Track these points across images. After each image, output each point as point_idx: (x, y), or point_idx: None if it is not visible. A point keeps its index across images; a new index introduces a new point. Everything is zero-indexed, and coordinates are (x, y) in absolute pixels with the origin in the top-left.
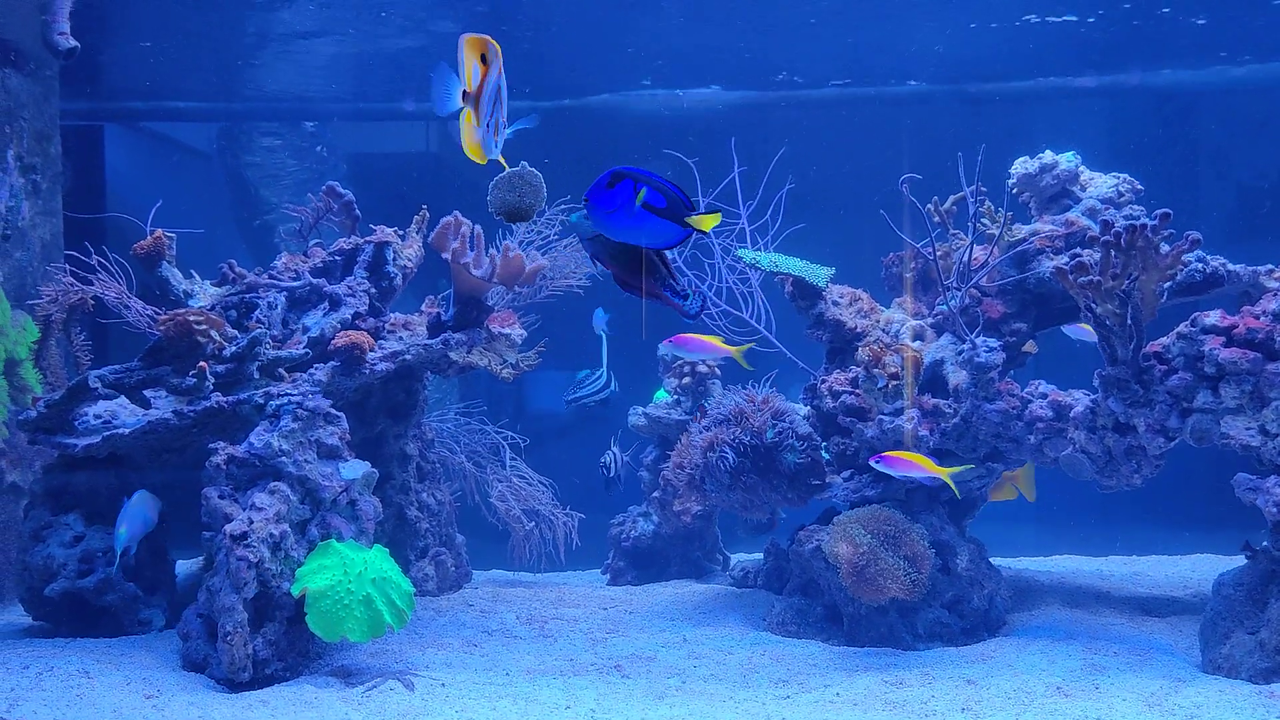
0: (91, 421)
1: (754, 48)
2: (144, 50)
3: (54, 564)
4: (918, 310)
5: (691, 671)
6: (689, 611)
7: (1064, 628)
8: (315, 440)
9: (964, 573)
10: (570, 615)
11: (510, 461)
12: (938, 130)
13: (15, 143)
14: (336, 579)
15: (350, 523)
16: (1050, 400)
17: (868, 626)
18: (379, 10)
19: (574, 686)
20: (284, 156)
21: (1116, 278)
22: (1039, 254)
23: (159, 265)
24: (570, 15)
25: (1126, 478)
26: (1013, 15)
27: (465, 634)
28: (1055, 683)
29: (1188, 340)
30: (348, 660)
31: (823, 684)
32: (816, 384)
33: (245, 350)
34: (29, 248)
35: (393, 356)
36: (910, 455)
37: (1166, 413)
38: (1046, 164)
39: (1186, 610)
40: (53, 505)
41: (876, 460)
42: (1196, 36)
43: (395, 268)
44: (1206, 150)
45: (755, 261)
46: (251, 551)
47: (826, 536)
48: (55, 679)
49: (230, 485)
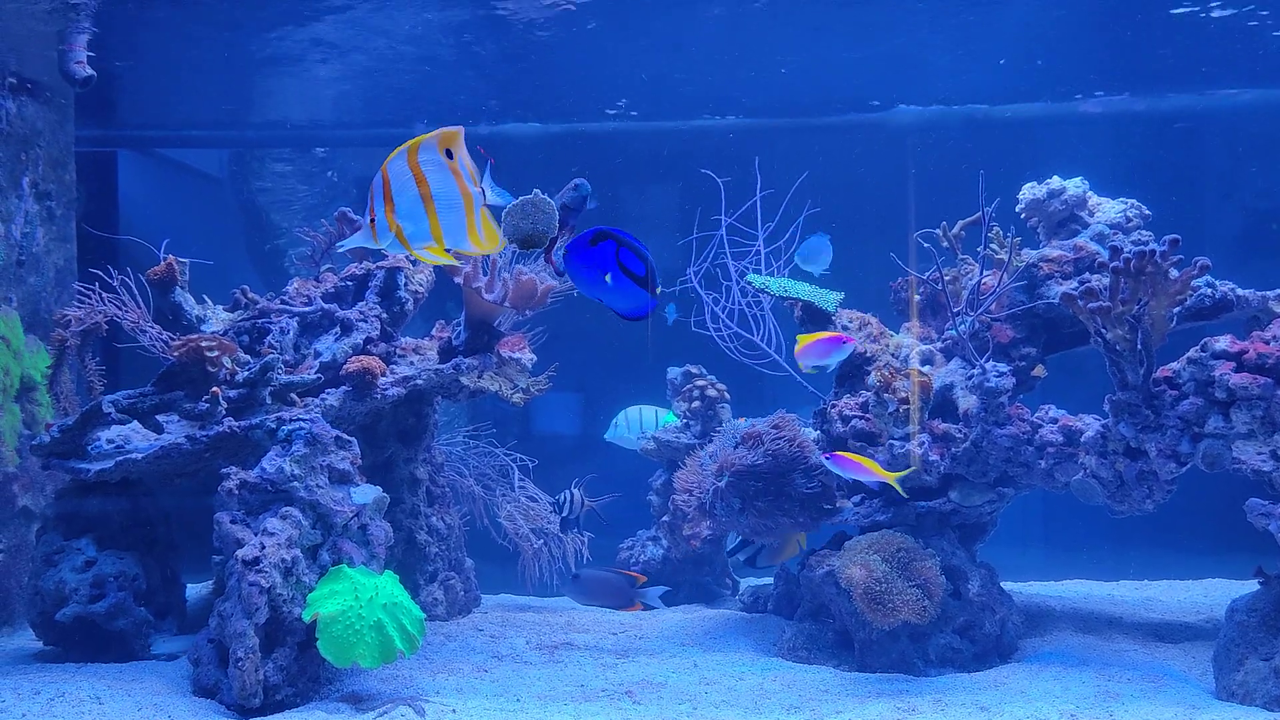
0: (104, 446)
1: (763, 76)
2: (157, 78)
3: (65, 589)
4: (926, 335)
5: (703, 698)
6: (699, 637)
7: (1076, 654)
8: (327, 465)
9: (975, 598)
10: (580, 641)
11: (519, 483)
12: (943, 155)
13: (31, 169)
14: (348, 604)
15: (361, 548)
16: (1061, 425)
17: (879, 652)
18: (388, 37)
19: (585, 713)
20: (294, 182)
21: (1126, 303)
22: (1048, 279)
23: (172, 291)
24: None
25: (1138, 503)
26: (1020, 43)
27: (475, 659)
28: (1069, 710)
29: (1198, 365)
30: (358, 686)
31: (835, 710)
32: (826, 408)
33: (258, 375)
34: (43, 273)
35: (404, 381)
36: (859, 458)
37: (1178, 438)
38: (1054, 189)
39: (1199, 636)
40: (65, 530)
41: (827, 457)
42: (1203, 62)
43: (406, 293)
44: (1212, 173)
45: (765, 287)
46: (263, 577)
47: (838, 561)
48: (66, 705)
49: (242, 510)
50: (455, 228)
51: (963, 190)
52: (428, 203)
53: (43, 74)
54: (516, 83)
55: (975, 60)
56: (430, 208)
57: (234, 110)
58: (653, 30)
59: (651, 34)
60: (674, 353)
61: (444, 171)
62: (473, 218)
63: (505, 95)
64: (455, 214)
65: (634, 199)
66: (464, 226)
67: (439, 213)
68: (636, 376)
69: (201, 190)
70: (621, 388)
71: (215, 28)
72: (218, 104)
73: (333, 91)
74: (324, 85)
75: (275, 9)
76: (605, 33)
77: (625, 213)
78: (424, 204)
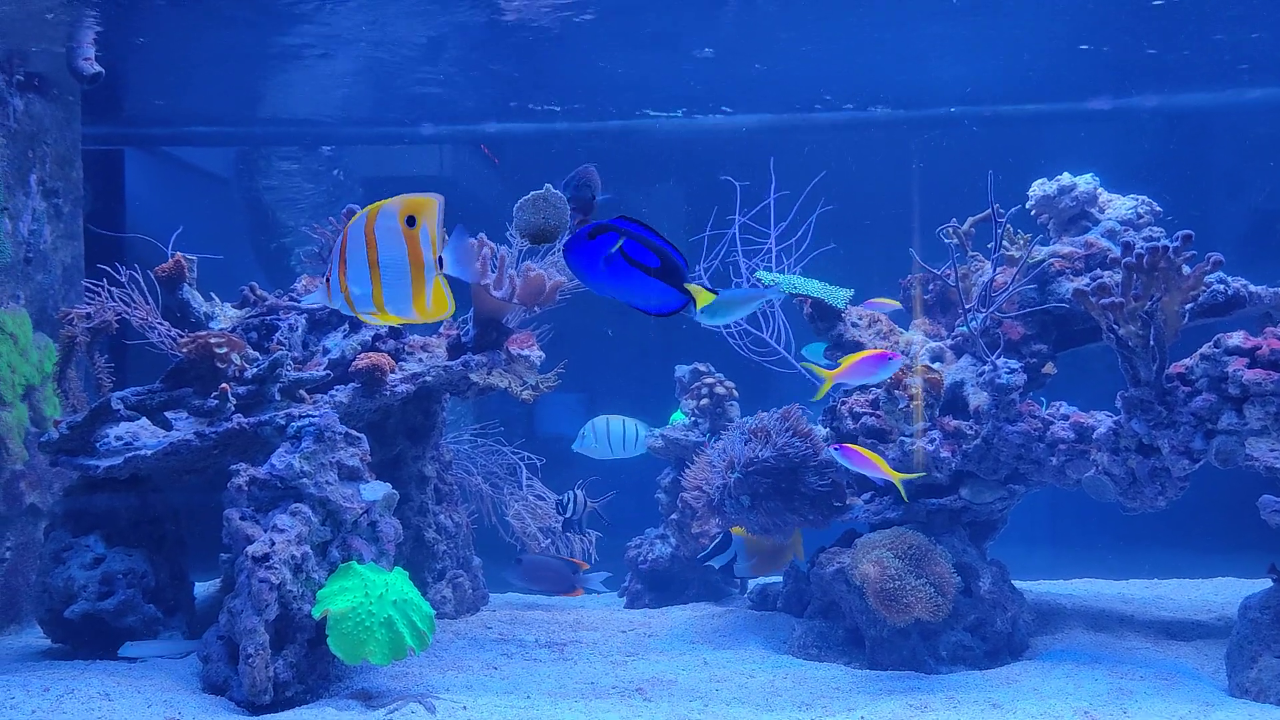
0: (113, 443)
1: (783, 75)
2: (164, 75)
3: (74, 586)
4: (936, 332)
5: (714, 695)
6: (709, 634)
7: (1088, 651)
8: (336, 462)
9: (987, 595)
10: (589, 638)
11: (526, 481)
12: (952, 153)
13: (38, 167)
14: (358, 601)
15: (371, 544)
16: (1072, 422)
17: (890, 649)
18: (396, 34)
19: (596, 710)
20: (301, 180)
21: (1139, 299)
22: (1059, 275)
23: (180, 288)
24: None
25: (1150, 500)
26: (1034, 42)
27: (485, 657)
28: (1083, 706)
29: (1211, 361)
30: (368, 683)
31: (847, 708)
32: (836, 405)
33: (267, 372)
34: (50, 271)
35: (413, 378)
36: (868, 453)
37: (1190, 434)
38: (1065, 186)
39: (1211, 634)
40: (73, 527)
41: (835, 448)
42: (1211, 58)
43: None
44: (1219, 171)
45: (775, 283)
46: (274, 573)
47: (850, 559)
48: (76, 701)
49: (252, 507)
50: (400, 296)
51: (969, 189)
52: (373, 269)
53: (50, 71)
54: (525, 81)
55: (983, 58)
56: (375, 274)
57: (240, 108)
58: (661, 28)
59: (660, 32)
60: (681, 351)
61: (396, 239)
62: (421, 286)
63: (514, 93)
64: (401, 283)
65: (644, 197)
66: (408, 295)
67: (383, 280)
68: (643, 375)
69: (207, 189)
70: (628, 386)
71: (222, 24)
72: (224, 101)
73: (340, 89)
74: (331, 83)
75: (283, 6)
76: (610, 31)
77: (635, 211)
78: (370, 270)
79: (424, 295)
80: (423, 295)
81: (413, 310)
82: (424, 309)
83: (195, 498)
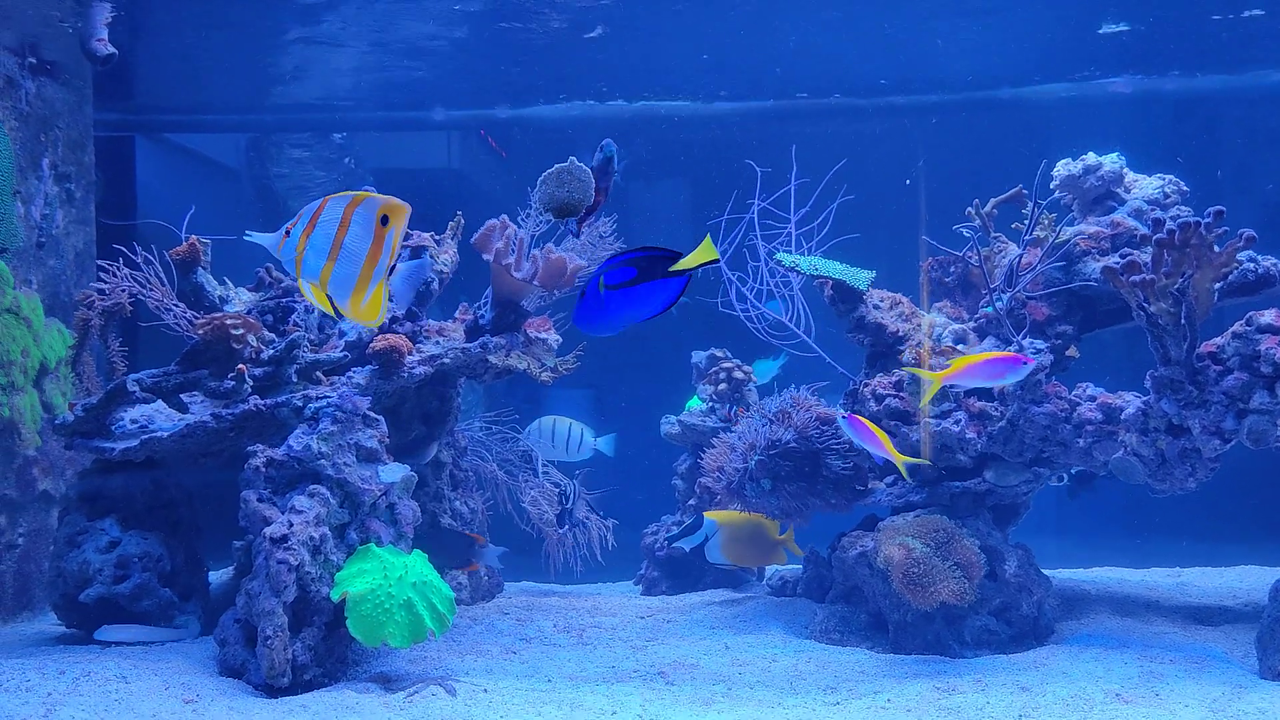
0: (128, 426)
1: (800, 61)
2: (175, 61)
3: (89, 569)
4: (958, 314)
5: (737, 678)
6: (729, 620)
7: (1115, 636)
8: (354, 443)
9: (1012, 579)
10: (608, 624)
11: (543, 468)
12: (969, 136)
13: (50, 151)
14: (377, 583)
15: (389, 526)
16: (1099, 403)
17: (914, 634)
18: (403, 23)
19: (618, 693)
20: (312, 168)
21: (1170, 276)
22: (1084, 255)
23: (194, 271)
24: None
25: (1180, 481)
26: (1044, 23)
27: (503, 641)
28: (1114, 689)
29: (1243, 340)
30: (387, 667)
31: (873, 690)
32: (858, 388)
33: (283, 353)
34: (62, 256)
35: (431, 360)
36: (876, 428)
37: (1222, 414)
38: (1090, 165)
39: (1239, 619)
40: (88, 510)
41: (844, 418)
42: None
43: (432, 272)
44: (1231, 156)
45: (795, 265)
46: (292, 554)
47: (873, 542)
48: (92, 684)
49: (269, 488)
50: (343, 282)
51: (989, 171)
52: (335, 248)
53: (61, 55)
54: (534, 67)
55: (999, 41)
56: (335, 253)
57: (252, 95)
58: (676, 13)
59: (674, 18)
60: (696, 337)
61: (366, 231)
62: (365, 284)
63: (524, 79)
64: (350, 271)
65: (661, 181)
66: (351, 286)
67: (337, 262)
68: (656, 361)
69: (217, 176)
70: (640, 373)
71: (234, 11)
72: (236, 88)
73: (352, 76)
74: (343, 70)
75: None
76: (623, 21)
77: (652, 195)
78: (331, 246)
79: (364, 294)
80: (363, 293)
81: (347, 302)
82: (358, 307)
83: (210, 479)
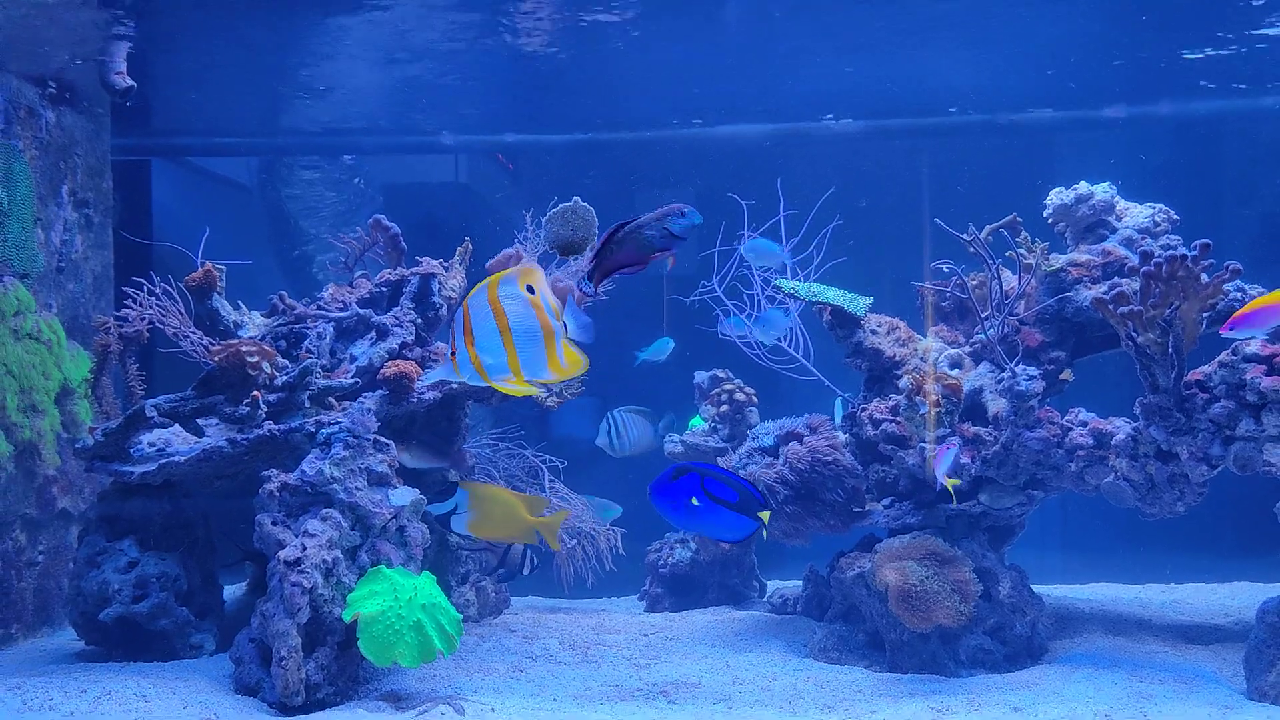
0: (146, 449)
1: (797, 85)
2: (189, 87)
3: (109, 589)
4: (954, 339)
5: (737, 697)
6: (730, 638)
7: (1107, 655)
8: (365, 468)
9: (1006, 599)
10: (612, 641)
11: (549, 484)
12: (965, 161)
13: (69, 178)
14: (388, 604)
15: (399, 549)
16: (1091, 428)
17: (910, 653)
18: (416, 44)
19: (621, 713)
20: (322, 189)
21: (1157, 307)
22: (1076, 283)
23: (209, 297)
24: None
25: (1169, 505)
26: (1040, 50)
27: (510, 659)
28: (1103, 710)
29: (1229, 368)
30: (396, 685)
31: (869, 710)
32: (856, 412)
33: (297, 380)
34: (81, 280)
35: (439, 385)
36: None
37: (1209, 440)
38: (1082, 194)
39: (1229, 638)
40: (107, 531)
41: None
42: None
43: (440, 298)
44: (1229, 176)
45: (794, 291)
46: (305, 577)
47: (870, 563)
48: (113, 703)
49: (283, 512)
50: (534, 360)
51: (984, 196)
52: (505, 336)
53: (80, 84)
54: (541, 94)
55: (996, 67)
56: (508, 341)
57: (263, 118)
58: (676, 41)
59: (674, 46)
60: (699, 358)
61: (524, 305)
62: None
63: (532, 105)
64: (535, 346)
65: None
66: (544, 358)
67: (517, 346)
68: (658, 382)
69: (229, 198)
70: (643, 393)
71: (248, 37)
72: (248, 112)
73: (361, 100)
74: (353, 94)
75: (306, 19)
76: (627, 48)
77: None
78: (501, 337)
79: (556, 356)
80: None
81: (549, 371)
82: (559, 368)
83: (224, 502)
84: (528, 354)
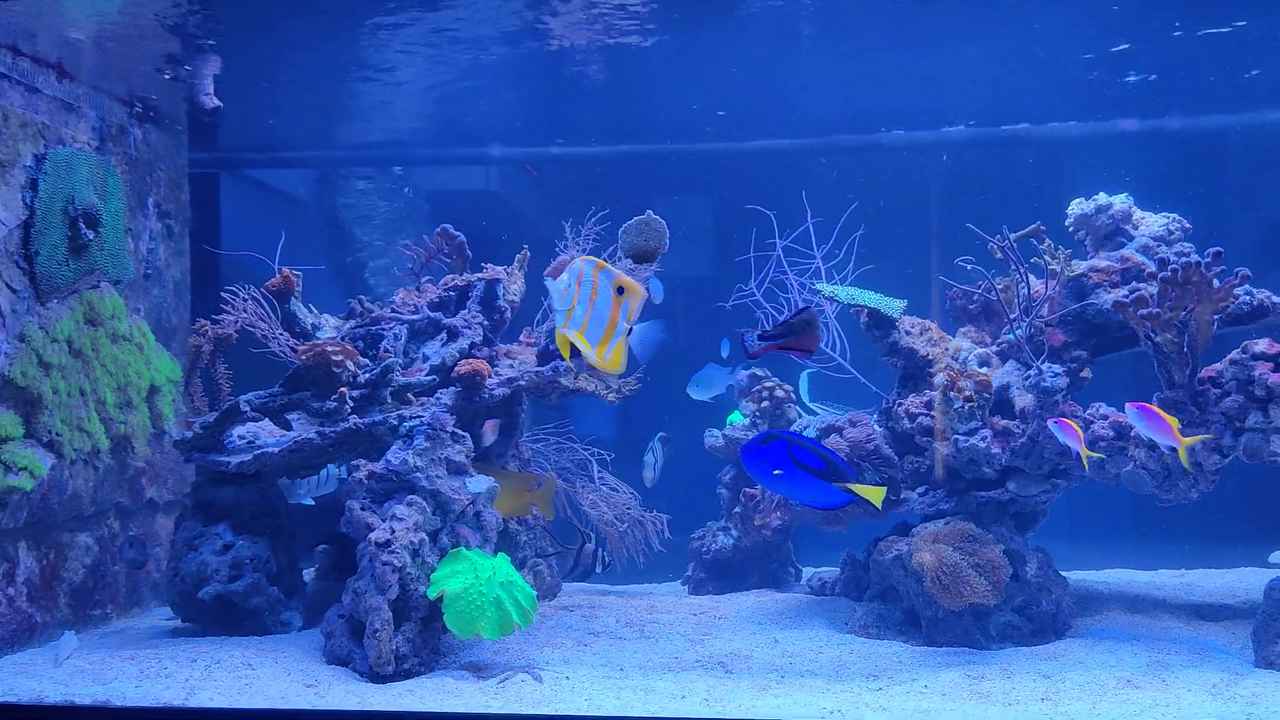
0: (237, 441)
1: (823, 100)
2: (254, 106)
3: (207, 570)
4: (981, 339)
5: (788, 668)
6: (775, 617)
7: (1126, 631)
8: (445, 458)
9: (1033, 579)
10: (665, 620)
11: (599, 475)
12: (985, 172)
13: (154, 191)
14: (470, 582)
15: (476, 532)
16: (1111, 421)
17: (944, 629)
18: (462, 65)
19: (685, 680)
20: (374, 198)
21: (1173, 310)
22: (1097, 288)
23: (288, 301)
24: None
25: (1184, 492)
26: (1059, 62)
27: (574, 635)
28: (1125, 676)
29: (1239, 366)
30: (474, 657)
31: (910, 678)
32: (892, 407)
33: (379, 377)
34: (164, 285)
35: (508, 382)
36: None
37: (1221, 432)
38: (1101, 205)
39: (1238, 616)
40: (203, 517)
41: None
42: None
43: (505, 302)
44: (1233, 185)
45: (834, 295)
46: (395, 557)
47: (906, 547)
48: (223, 670)
49: (369, 498)
50: (592, 335)
51: (1005, 206)
52: (589, 306)
53: (162, 102)
54: (585, 108)
55: (1016, 79)
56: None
57: (321, 134)
58: (708, 60)
59: (706, 65)
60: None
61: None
62: (607, 343)
63: (576, 118)
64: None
65: (698, 217)
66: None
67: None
68: None
69: (284, 209)
70: (677, 391)
71: (310, 60)
72: (307, 128)
73: (411, 115)
74: (403, 109)
75: (360, 44)
76: (666, 66)
77: (688, 229)
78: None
79: (605, 348)
80: (604, 348)
81: (595, 353)
82: (603, 357)
83: None
84: (588, 335)
